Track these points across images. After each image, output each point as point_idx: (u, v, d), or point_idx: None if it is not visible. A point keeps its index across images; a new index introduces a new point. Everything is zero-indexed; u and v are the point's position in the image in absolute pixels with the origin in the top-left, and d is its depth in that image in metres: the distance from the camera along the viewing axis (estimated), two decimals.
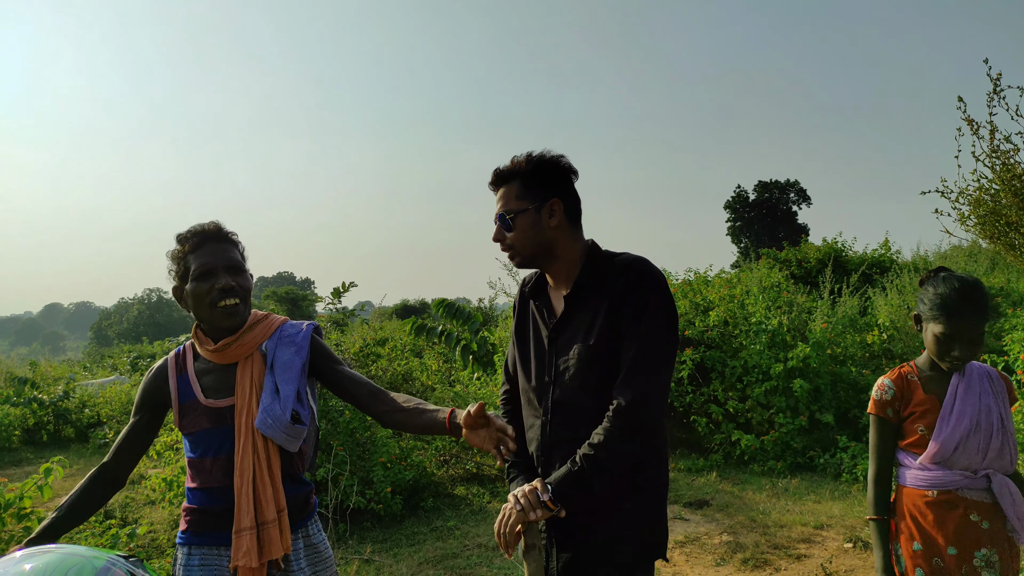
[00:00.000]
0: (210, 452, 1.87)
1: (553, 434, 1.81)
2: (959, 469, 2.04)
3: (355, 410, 5.52)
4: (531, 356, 1.92)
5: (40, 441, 10.24)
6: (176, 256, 1.92)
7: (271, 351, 1.96)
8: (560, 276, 1.88)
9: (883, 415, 2.17)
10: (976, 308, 2.01)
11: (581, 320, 1.80)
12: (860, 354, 7.40)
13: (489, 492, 5.97)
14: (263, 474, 1.87)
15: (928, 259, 12.66)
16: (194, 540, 1.89)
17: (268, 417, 1.87)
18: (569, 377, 1.78)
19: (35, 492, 3.35)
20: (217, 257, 1.89)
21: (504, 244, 1.88)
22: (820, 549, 4.41)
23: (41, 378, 12.75)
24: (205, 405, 1.88)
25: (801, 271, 11.30)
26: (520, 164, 1.86)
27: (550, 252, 1.86)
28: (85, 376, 15.50)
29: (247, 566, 1.81)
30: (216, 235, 1.93)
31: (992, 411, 2.05)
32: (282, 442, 1.89)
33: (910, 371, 2.17)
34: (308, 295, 37.16)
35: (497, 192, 1.89)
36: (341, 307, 6.97)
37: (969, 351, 2.04)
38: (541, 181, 1.85)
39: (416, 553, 4.69)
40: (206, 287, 1.86)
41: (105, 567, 1.33)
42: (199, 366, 1.94)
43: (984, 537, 2.01)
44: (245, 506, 1.83)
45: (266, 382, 1.92)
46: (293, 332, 2.02)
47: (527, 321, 1.98)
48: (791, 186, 43.23)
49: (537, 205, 1.83)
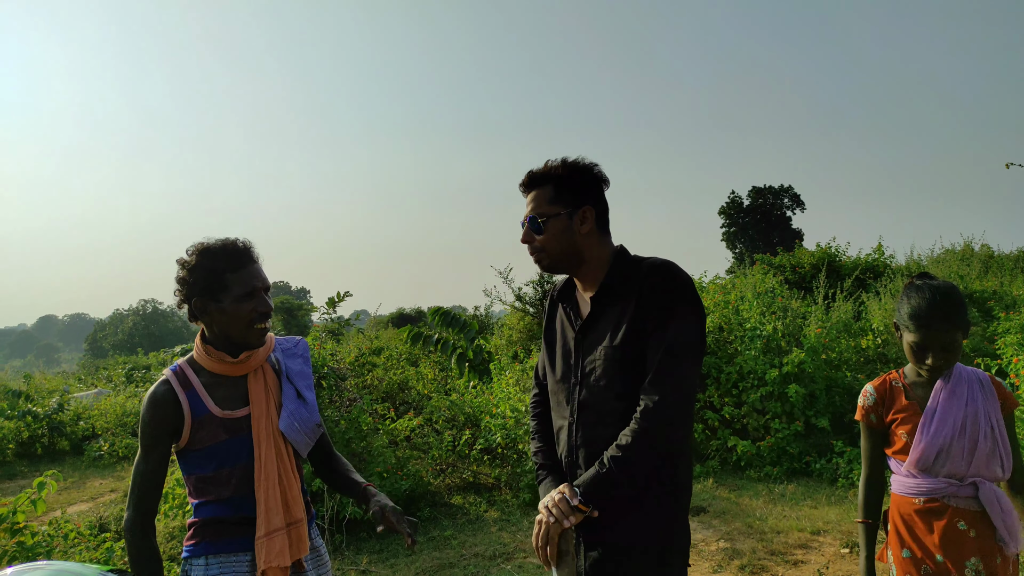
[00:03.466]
0: (228, 463, 1.90)
1: (580, 435, 1.82)
2: (944, 476, 2.04)
3: (351, 420, 5.52)
4: (558, 358, 1.94)
5: (34, 454, 10.18)
6: (207, 270, 1.89)
7: (280, 361, 2.07)
8: (588, 280, 1.90)
9: (867, 421, 2.21)
10: (946, 317, 2.00)
11: (607, 322, 1.82)
12: (855, 359, 7.42)
13: (486, 501, 5.95)
14: (289, 476, 1.96)
15: (922, 263, 12.70)
16: (211, 549, 1.90)
17: (295, 421, 1.98)
18: (595, 378, 1.80)
19: (28, 506, 3.33)
20: (259, 279, 1.95)
21: (533, 247, 1.89)
22: (817, 555, 4.41)
23: (35, 391, 12.69)
24: (221, 417, 1.91)
25: (795, 276, 11.33)
26: (556, 169, 1.87)
27: (579, 257, 1.88)
28: (80, 388, 15.43)
29: (280, 566, 1.86)
30: (253, 256, 1.97)
31: (979, 417, 2.03)
32: (301, 446, 2.00)
33: (896, 377, 2.19)
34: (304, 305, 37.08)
35: (528, 194, 1.90)
36: (336, 317, 6.96)
37: (943, 359, 2.03)
38: (575, 187, 1.87)
39: (413, 563, 4.67)
40: (248, 307, 1.90)
41: None
42: (205, 380, 1.95)
43: (973, 546, 2.00)
44: (275, 508, 1.90)
45: (286, 389, 2.02)
46: (290, 344, 2.14)
47: (555, 325, 2.01)
48: (785, 191, 43.37)
49: (570, 211, 1.86)
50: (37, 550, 3.39)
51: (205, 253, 1.92)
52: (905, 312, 2.08)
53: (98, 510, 6.51)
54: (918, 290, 2.07)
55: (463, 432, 6.64)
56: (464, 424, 6.76)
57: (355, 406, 5.71)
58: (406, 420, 6.63)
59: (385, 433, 6.39)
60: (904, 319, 2.08)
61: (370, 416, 6.15)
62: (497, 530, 5.24)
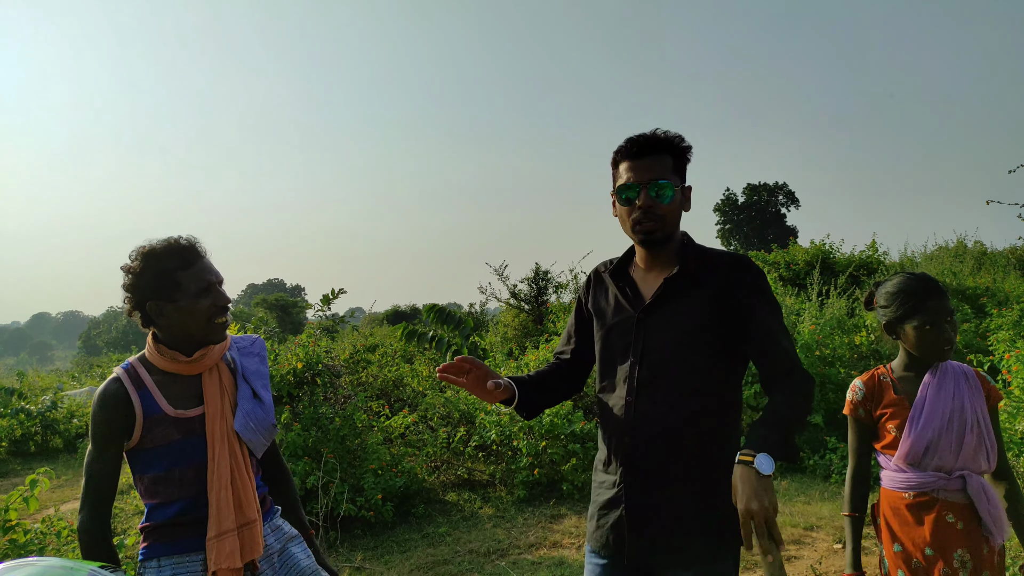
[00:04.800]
0: (180, 463, 1.88)
1: (637, 415, 1.78)
2: (932, 470, 2.06)
3: (345, 417, 5.51)
4: (613, 337, 1.88)
5: (28, 452, 10.14)
6: (157, 272, 1.87)
7: (236, 360, 2.05)
8: (661, 260, 1.87)
9: (855, 416, 2.23)
10: (939, 288, 2.11)
11: (681, 304, 1.79)
12: (848, 355, 7.45)
13: (481, 498, 5.96)
14: (242, 476, 1.93)
15: (915, 260, 12.75)
16: (164, 551, 1.88)
17: (250, 421, 1.95)
18: (662, 359, 1.78)
19: (21, 504, 3.32)
20: (212, 273, 1.94)
21: (652, 213, 1.79)
22: (810, 550, 4.43)
23: (29, 388, 12.64)
24: (174, 416, 1.88)
25: (789, 273, 11.36)
26: (674, 140, 1.83)
27: (674, 234, 1.86)
28: (74, 386, 15.39)
29: (230, 567, 1.83)
30: (200, 251, 1.95)
31: (966, 410, 2.06)
32: (256, 446, 1.98)
33: (884, 372, 2.22)
34: (298, 302, 37.03)
35: (642, 159, 1.80)
36: (331, 314, 6.95)
37: (953, 328, 2.10)
38: (684, 164, 1.86)
39: (407, 560, 4.67)
40: (206, 303, 1.89)
41: None
42: (157, 379, 1.92)
43: (960, 538, 2.03)
44: (226, 509, 1.87)
45: (242, 388, 2.00)
46: (247, 343, 2.12)
47: (604, 302, 1.95)
48: (780, 188, 43.52)
49: (682, 186, 1.85)
50: (30, 548, 3.38)
51: (151, 256, 1.89)
52: (900, 301, 2.12)
53: None
54: (895, 282, 2.16)
55: (458, 429, 6.64)
56: (459, 421, 6.76)
57: (350, 403, 5.71)
58: (401, 417, 6.63)
59: (380, 430, 6.39)
60: (900, 308, 2.12)
61: (365, 413, 6.14)
62: (492, 527, 5.25)
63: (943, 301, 2.09)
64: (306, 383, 5.71)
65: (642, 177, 1.78)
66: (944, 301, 2.09)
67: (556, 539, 4.90)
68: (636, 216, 1.80)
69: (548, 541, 4.88)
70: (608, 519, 1.82)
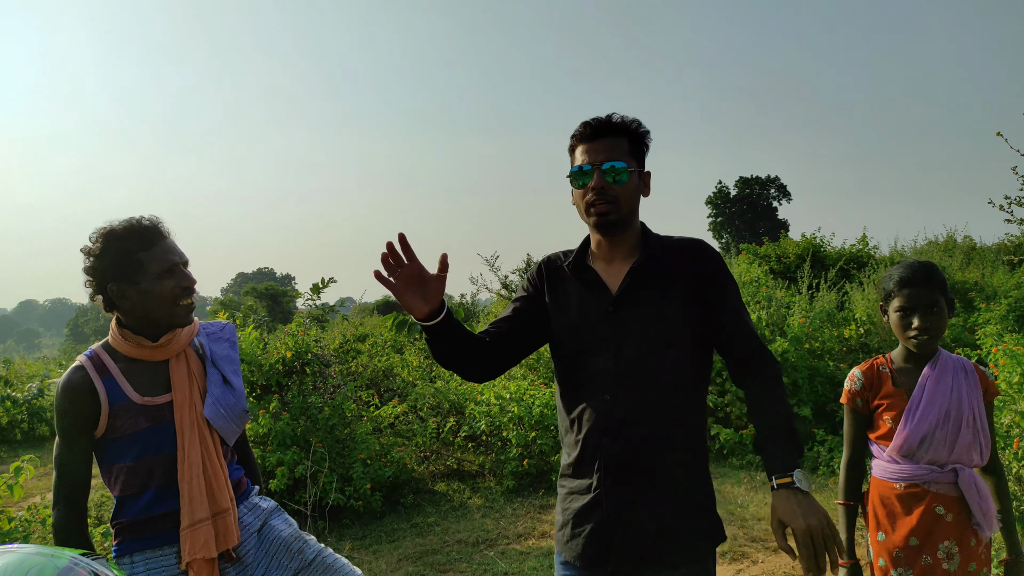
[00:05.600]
0: (149, 452, 1.83)
1: (617, 414, 1.69)
2: (926, 463, 2.07)
3: (335, 407, 5.49)
4: (581, 333, 1.77)
5: (14, 440, 10.07)
6: (118, 253, 1.80)
7: (205, 346, 1.99)
8: (621, 249, 1.79)
9: (852, 405, 2.23)
10: (928, 278, 2.09)
11: (650, 294, 1.73)
12: (838, 348, 7.48)
13: (470, 488, 5.96)
14: (214, 464, 1.87)
15: (905, 254, 12.81)
16: (135, 547, 1.84)
17: (220, 407, 1.90)
18: (638, 353, 1.70)
19: (5, 491, 3.29)
20: (175, 254, 1.87)
21: (606, 196, 1.71)
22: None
23: (15, 376, 12.54)
24: (141, 404, 1.82)
25: (780, 266, 11.39)
26: (630, 124, 1.76)
27: (631, 221, 1.78)
28: (60, 374, 15.27)
29: (205, 557, 1.79)
30: (163, 231, 1.88)
31: (963, 404, 2.07)
32: (227, 433, 1.93)
33: (883, 363, 2.22)
34: (288, 291, 36.88)
35: (596, 141, 1.73)
36: (321, 303, 6.91)
37: (928, 321, 2.08)
38: (642, 149, 1.79)
39: (396, 549, 4.67)
40: (170, 284, 1.83)
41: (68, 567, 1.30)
42: (122, 367, 1.85)
43: (948, 530, 2.04)
44: (198, 498, 1.82)
45: (211, 374, 1.94)
46: (216, 328, 2.06)
47: (566, 298, 1.82)
48: (772, 182, 43.63)
49: (639, 171, 1.78)
50: (14, 535, 3.35)
51: (111, 236, 1.82)
52: (889, 282, 2.15)
53: None
54: (897, 266, 2.17)
55: (447, 419, 6.64)
56: (448, 411, 6.76)
57: (339, 393, 5.68)
58: (390, 407, 6.61)
59: (369, 420, 6.38)
60: (887, 289, 2.15)
61: (354, 403, 6.13)
62: (480, 517, 5.25)
63: (924, 289, 2.08)
64: (295, 372, 5.68)
65: (596, 158, 1.72)
66: (925, 289, 2.08)
67: (545, 529, 4.91)
68: (589, 198, 1.72)
69: (537, 531, 4.89)
70: (586, 527, 1.72)
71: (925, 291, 2.07)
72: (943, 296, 2.09)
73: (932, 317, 2.08)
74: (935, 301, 2.07)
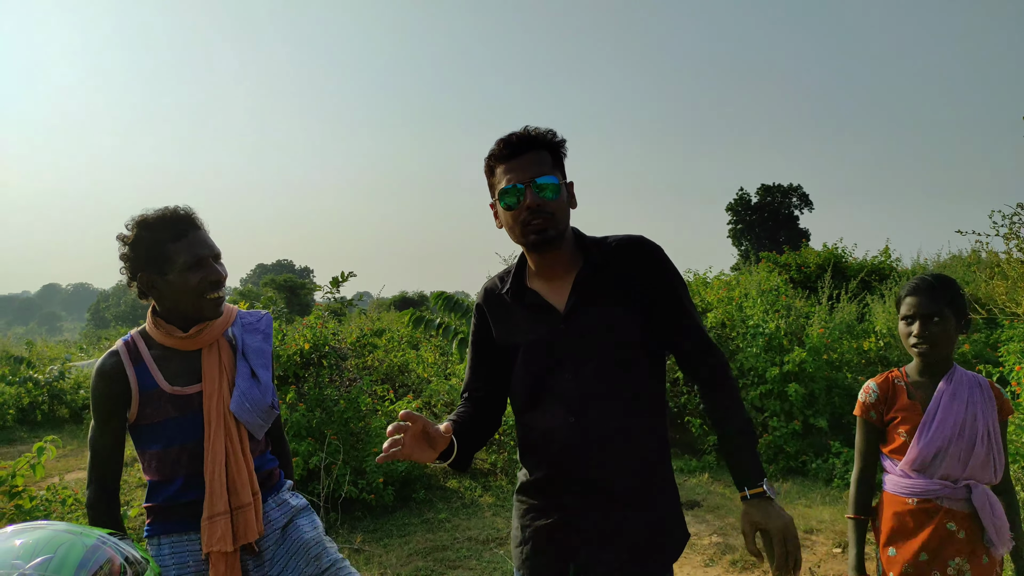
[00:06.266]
0: (176, 441, 1.84)
1: (582, 433, 1.65)
2: (939, 478, 2.05)
3: (350, 400, 5.53)
4: (535, 356, 1.71)
5: (34, 421, 10.24)
6: (148, 243, 1.81)
7: (238, 337, 1.96)
8: (557, 263, 1.73)
9: (866, 417, 2.22)
10: (933, 289, 2.08)
11: (599, 302, 1.68)
12: (856, 360, 7.40)
13: (481, 486, 5.98)
14: (237, 458, 1.86)
15: (928, 267, 12.65)
16: (163, 530, 1.86)
17: (246, 401, 1.87)
18: (597, 368, 1.65)
19: (27, 471, 3.35)
20: (205, 247, 1.85)
21: (541, 212, 1.64)
22: (809, 553, 4.42)
23: (37, 358, 12.76)
24: (170, 393, 1.83)
25: (800, 276, 11.29)
26: (547, 136, 1.70)
27: (565, 232, 1.72)
28: (81, 357, 15.50)
29: (221, 551, 1.79)
30: (196, 222, 1.87)
31: (978, 420, 2.05)
32: (254, 428, 1.90)
33: (899, 376, 2.21)
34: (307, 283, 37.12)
35: (519, 157, 1.67)
36: (339, 297, 6.96)
37: (926, 328, 2.07)
38: (562, 160, 1.75)
39: (406, 544, 4.69)
40: (197, 277, 1.81)
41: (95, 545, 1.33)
42: (156, 354, 1.86)
43: (959, 546, 2.03)
44: (219, 491, 1.82)
45: (240, 367, 1.91)
46: (254, 319, 2.03)
47: (511, 323, 1.78)
48: (794, 190, 43.23)
49: (565, 182, 1.72)
50: (35, 514, 3.41)
51: (143, 225, 1.82)
52: (901, 292, 2.17)
53: None
54: (916, 276, 2.19)
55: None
56: None
57: (355, 386, 5.72)
58: (405, 402, 6.64)
59: (384, 414, 6.41)
60: (900, 297, 2.17)
61: (369, 397, 6.16)
62: (491, 515, 5.26)
63: (926, 298, 2.07)
64: (312, 364, 5.73)
65: (523, 176, 1.65)
66: (928, 298, 2.07)
67: None
68: (524, 217, 1.65)
69: None
70: (549, 546, 1.69)
71: (928, 300, 2.08)
72: (950, 308, 2.07)
73: (932, 327, 2.07)
74: (938, 311, 2.07)
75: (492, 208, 1.76)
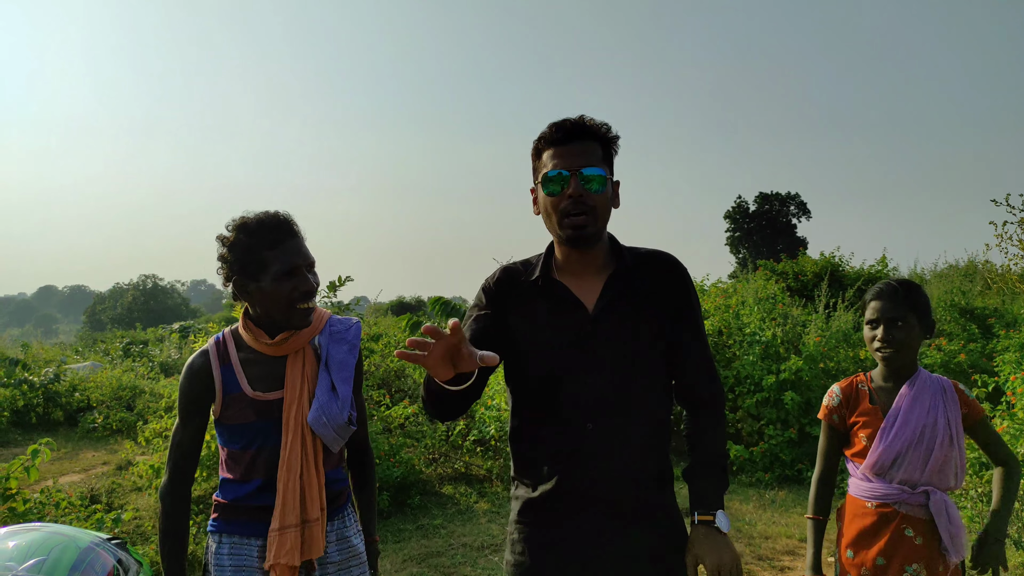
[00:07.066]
0: (253, 445, 1.83)
1: (598, 443, 1.57)
2: (898, 483, 2.08)
3: None
4: (555, 354, 1.62)
5: (29, 423, 10.19)
6: (244, 248, 1.78)
7: (324, 346, 1.92)
8: (594, 262, 1.66)
9: (829, 421, 2.26)
10: (895, 293, 2.10)
11: (628, 310, 1.63)
12: (853, 369, 7.40)
13: (477, 492, 5.96)
14: (310, 471, 1.83)
15: (924, 277, 12.69)
16: (225, 528, 1.85)
17: (323, 415, 1.82)
18: (621, 375, 1.59)
19: (21, 473, 3.35)
20: (300, 256, 1.81)
21: (585, 203, 1.57)
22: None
23: (32, 360, 12.71)
24: (251, 398, 1.82)
25: (797, 284, 11.32)
26: (601, 128, 1.63)
27: (604, 232, 1.66)
28: (76, 360, 15.46)
29: (289, 564, 1.75)
30: (293, 230, 1.83)
31: (938, 425, 2.07)
32: (330, 441, 1.86)
33: (863, 380, 2.25)
34: None
35: (569, 145, 1.59)
36: (336, 301, 6.96)
37: (889, 332, 2.09)
38: (612, 157, 1.67)
39: (401, 550, 4.68)
40: (289, 287, 1.78)
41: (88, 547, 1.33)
42: (243, 356, 1.86)
43: (916, 552, 2.05)
44: (291, 502, 1.78)
45: (321, 378, 1.87)
46: (343, 328, 1.97)
47: (532, 313, 1.66)
48: (791, 199, 43.34)
49: (612, 179, 1.65)
50: (29, 517, 3.40)
51: (242, 229, 1.80)
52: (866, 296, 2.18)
53: (90, 481, 6.53)
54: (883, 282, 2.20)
55: (457, 423, 6.65)
56: None
57: None
58: (401, 408, 6.63)
59: (380, 420, 6.40)
60: (865, 301, 2.19)
61: (365, 402, 6.15)
62: (487, 521, 5.25)
63: (889, 303, 2.10)
64: None
65: (571, 164, 1.56)
66: (891, 303, 2.09)
67: None
68: (565, 207, 1.57)
69: None
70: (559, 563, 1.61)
71: (892, 305, 2.09)
72: (913, 313, 2.09)
73: (895, 331, 2.09)
74: (901, 316, 2.09)
75: (532, 193, 1.69)
